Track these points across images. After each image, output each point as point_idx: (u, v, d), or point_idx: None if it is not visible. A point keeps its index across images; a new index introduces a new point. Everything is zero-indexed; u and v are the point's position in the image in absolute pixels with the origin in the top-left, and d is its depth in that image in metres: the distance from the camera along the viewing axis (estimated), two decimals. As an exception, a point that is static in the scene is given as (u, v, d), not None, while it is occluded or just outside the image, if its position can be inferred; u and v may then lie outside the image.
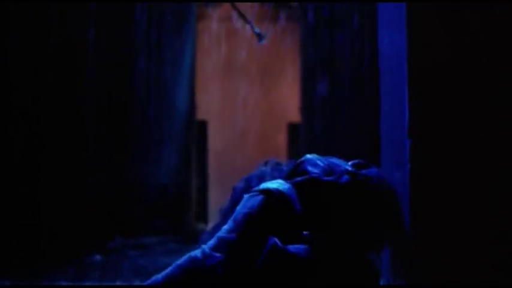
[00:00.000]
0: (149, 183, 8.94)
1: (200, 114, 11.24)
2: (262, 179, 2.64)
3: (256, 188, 2.47)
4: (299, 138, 11.35)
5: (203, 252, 2.33)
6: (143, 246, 8.16)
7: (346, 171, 2.44)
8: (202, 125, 12.31)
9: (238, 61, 12.47)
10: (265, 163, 2.72)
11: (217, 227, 2.63)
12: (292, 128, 12.76)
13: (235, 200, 2.56)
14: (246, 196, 2.45)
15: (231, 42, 12.11)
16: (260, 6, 10.79)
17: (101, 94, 7.79)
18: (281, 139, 13.39)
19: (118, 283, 5.83)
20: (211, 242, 2.37)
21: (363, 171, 2.47)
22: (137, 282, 5.73)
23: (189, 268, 2.32)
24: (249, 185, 2.63)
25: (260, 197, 2.41)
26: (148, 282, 2.35)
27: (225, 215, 2.62)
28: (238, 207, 2.44)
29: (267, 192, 2.41)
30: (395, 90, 2.72)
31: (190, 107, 10.40)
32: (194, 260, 2.33)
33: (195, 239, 9.54)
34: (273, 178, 2.57)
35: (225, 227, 2.40)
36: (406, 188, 2.56)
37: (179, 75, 9.86)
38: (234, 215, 2.42)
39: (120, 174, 8.16)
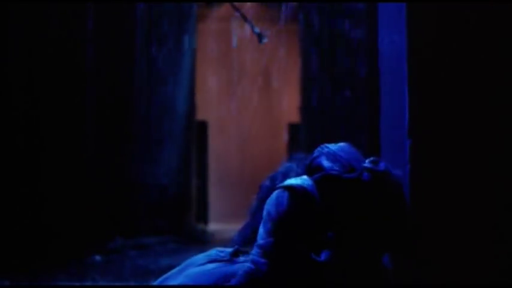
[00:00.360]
0: (149, 183, 8.95)
1: (200, 115, 11.26)
2: (287, 175, 2.63)
3: (281, 184, 2.48)
4: (299, 139, 11.36)
5: (254, 262, 2.37)
6: (143, 247, 8.17)
7: (366, 169, 2.45)
8: (202, 126, 12.31)
9: (238, 61, 12.48)
10: (290, 159, 2.71)
11: (246, 227, 2.66)
12: (292, 128, 12.76)
13: (262, 198, 2.57)
14: (273, 194, 2.46)
15: (231, 42, 12.12)
16: (260, 7, 10.79)
17: (101, 95, 7.79)
18: (281, 139, 13.39)
19: (118, 283, 5.83)
20: (255, 250, 2.41)
21: (381, 168, 2.46)
22: (138, 283, 5.74)
23: (249, 280, 2.36)
24: (274, 183, 2.62)
25: (286, 194, 2.42)
26: None
27: (253, 214, 2.63)
28: (266, 206, 2.46)
29: (291, 188, 2.42)
30: (395, 90, 2.72)
31: (190, 108, 10.41)
32: (251, 272, 2.37)
33: (195, 239, 9.56)
34: (298, 174, 2.56)
35: (261, 231, 2.43)
36: (406, 187, 2.56)
37: (179, 75, 9.86)
38: (264, 215, 2.45)
39: (121, 175, 8.16)
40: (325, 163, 2.45)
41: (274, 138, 13.43)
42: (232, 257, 2.51)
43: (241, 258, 2.50)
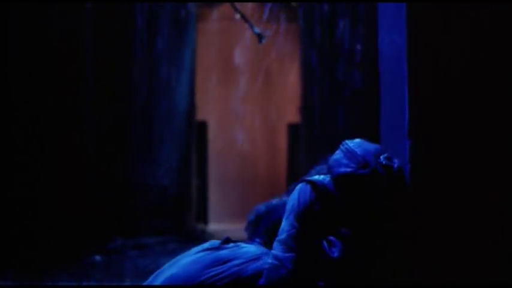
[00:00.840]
0: (149, 183, 8.95)
1: (200, 115, 11.26)
2: (277, 210, 2.72)
3: (303, 178, 2.55)
4: (299, 139, 11.36)
5: (278, 258, 2.40)
6: (143, 247, 8.17)
7: (381, 164, 2.49)
8: (202, 126, 12.31)
9: (238, 62, 12.49)
10: (321, 162, 2.76)
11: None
12: (292, 129, 12.77)
13: (252, 222, 2.71)
14: (296, 188, 2.54)
15: (231, 42, 12.12)
16: (260, 7, 10.79)
17: (101, 95, 7.79)
18: (281, 139, 13.39)
19: (118, 283, 5.83)
20: (276, 246, 2.44)
21: (395, 164, 2.51)
22: (138, 282, 5.73)
23: (276, 277, 2.39)
24: (268, 211, 2.70)
25: (308, 187, 2.50)
26: None
27: (249, 231, 2.70)
28: (290, 200, 2.53)
29: (312, 182, 2.51)
30: (395, 90, 2.72)
31: (190, 108, 10.42)
32: (276, 269, 2.39)
33: (195, 239, 9.56)
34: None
35: (283, 225, 2.48)
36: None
37: (179, 75, 9.87)
38: (288, 208, 2.51)
39: (121, 175, 8.16)
40: (343, 160, 2.52)
41: (274, 139, 13.43)
42: (222, 245, 2.54)
43: (231, 244, 2.54)
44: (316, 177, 2.54)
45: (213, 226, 11.73)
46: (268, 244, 2.53)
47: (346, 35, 8.30)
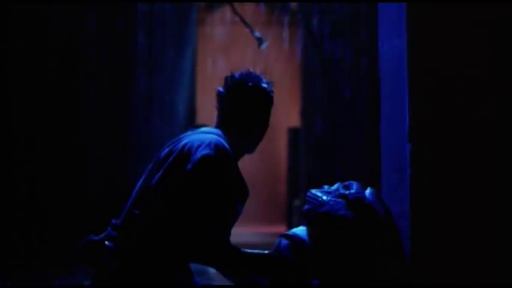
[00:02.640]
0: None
1: (200, 119, 11.25)
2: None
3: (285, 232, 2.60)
4: (299, 143, 11.35)
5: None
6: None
7: (337, 195, 2.52)
8: (202, 129, 12.29)
9: (238, 66, 12.47)
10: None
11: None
12: (293, 133, 12.76)
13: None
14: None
15: (231, 46, 12.13)
16: (261, 11, 10.80)
17: (101, 99, 7.79)
18: (281, 143, 13.39)
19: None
20: None
21: (352, 190, 2.53)
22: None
23: None
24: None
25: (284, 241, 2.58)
26: None
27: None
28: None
29: (287, 236, 2.57)
30: (395, 94, 2.72)
31: (190, 111, 10.41)
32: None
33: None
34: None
35: None
36: (407, 192, 2.56)
37: (179, 79, 9.87)
38: None
39: (121, 179, 8.15)
40: (305, 207, 2.57)
41: (274, 142, 13.43)
42: None
43: None
44: (297, 229, 2.56)
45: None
46: None
47: (346, 38, 8.30)
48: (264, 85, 2.63)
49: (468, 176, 2.56)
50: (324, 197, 2.49)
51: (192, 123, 10.54)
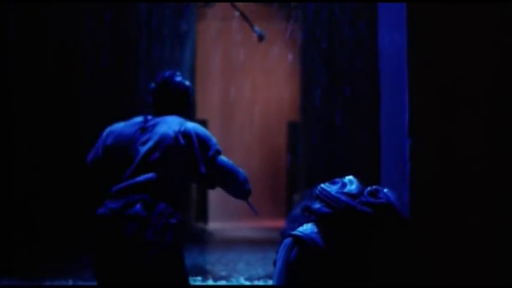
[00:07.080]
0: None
1: (200, 114, 11.24)
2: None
3: (291, 232, 2.57)
4: (298, 137, 11.35)
5: None
6: (143, 246, 8.14)
7: (361, 202, 2.49)
8: (202, 125, 12.29)
9: (238, 61, 12.48)
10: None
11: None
12: (292, 127, 12.76)
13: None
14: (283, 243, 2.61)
15: (231, 42, 12.11)
16: (260, 7, 10.79)
17: (101, 94, 7.78)
18: (281, 138, 13.39)
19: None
20: None
21: (382, 199, 2.51)
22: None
23: None
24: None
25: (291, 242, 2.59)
26: None
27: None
28: (278, 256, 2.61)
29: (295, 237, 2.57)
30: (395, 89, 2.72)
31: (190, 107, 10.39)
32: None
33: (195, 239, 9.55)
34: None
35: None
36: (406, 187, 2.56)
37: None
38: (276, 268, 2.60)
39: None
40: (315, 205, 2.55)
41: (274, 137, 13.43)
42: None
43: None
44: (303, 228, 2.53)
45: (212, 225, 11.73)
46: None
47: (345, 34, 8.30)
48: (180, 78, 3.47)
49: (468, 171, 2.56)
50: (344, 198, 2.47)
51: (192, 118, 10.54)
